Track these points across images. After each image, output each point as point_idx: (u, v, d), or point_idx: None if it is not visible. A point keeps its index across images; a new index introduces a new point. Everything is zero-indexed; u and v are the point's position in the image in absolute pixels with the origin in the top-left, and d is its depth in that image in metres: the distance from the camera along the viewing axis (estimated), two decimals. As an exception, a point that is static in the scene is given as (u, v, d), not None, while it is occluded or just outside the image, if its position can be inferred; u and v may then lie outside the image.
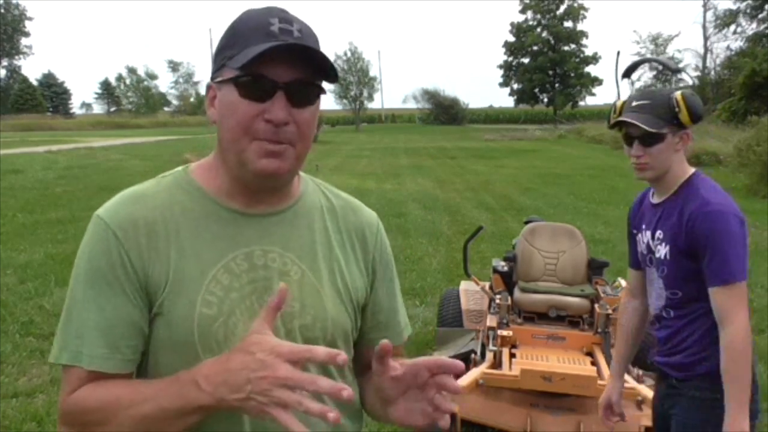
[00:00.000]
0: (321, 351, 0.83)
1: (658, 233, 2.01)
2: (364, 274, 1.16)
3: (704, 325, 1.94)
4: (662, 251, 1.99)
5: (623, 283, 3.89)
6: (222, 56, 1.02)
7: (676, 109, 1.92)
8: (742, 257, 1.87)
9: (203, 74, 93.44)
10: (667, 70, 2.18)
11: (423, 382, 0.98)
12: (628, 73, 2.27)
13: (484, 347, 3.75)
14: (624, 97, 2.08)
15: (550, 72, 57.89)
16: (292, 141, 1.00)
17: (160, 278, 1.00)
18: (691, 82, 2.61)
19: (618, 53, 2.59)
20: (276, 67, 0.97)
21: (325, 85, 1.03)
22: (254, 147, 0.99)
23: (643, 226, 2.10)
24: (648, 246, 2.07)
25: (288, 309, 1.02)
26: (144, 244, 1.00)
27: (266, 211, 1.08)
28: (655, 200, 2.07)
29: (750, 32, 36.00)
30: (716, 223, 1.86)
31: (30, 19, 75.17)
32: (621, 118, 1.97)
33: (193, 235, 1.02)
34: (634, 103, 1.98)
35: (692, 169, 2.01)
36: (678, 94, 1.94)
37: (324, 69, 1.01)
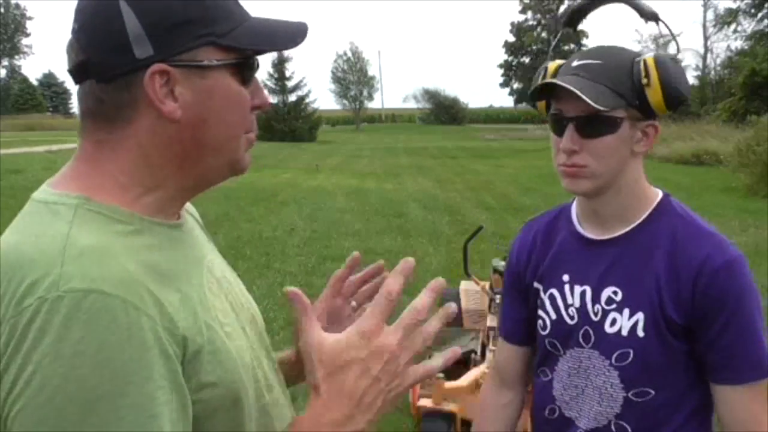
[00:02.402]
0: (425, 302, 0.76)
1: (611, 292, 1.21)
2: None
3: None
4: (623, 323, 1.19)
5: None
6: (198, 31, 0.76)
7: (644, 80, 1.13)
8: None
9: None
10: (641, 15, 1.23)
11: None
12: (573, 21, 1.38)
13: (484, 347, 3.75)
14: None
15: (551, 72, 57.90)
16: None
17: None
18: (677, 52, 1.20)
19: None
20: None
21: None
22: (244, 143, 0.83)
23: (566, 278, 1.28)
24: (582, 312, 1.25)
25: (247, 315, 0.89)
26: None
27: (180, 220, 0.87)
28: (593, 233, 1.27)
29: (750, 31, 36.04)
30: (741, 281, 1.14)
31: (30, 18, 75.18)
32: (552, 80, 1.18)
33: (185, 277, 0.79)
34: (576, 63, 1.19)
35: (657, 189, 1.27)
36: (649, 56, 1.15)
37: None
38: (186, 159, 0.79)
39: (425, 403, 3.20)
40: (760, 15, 34.67)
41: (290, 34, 0.82)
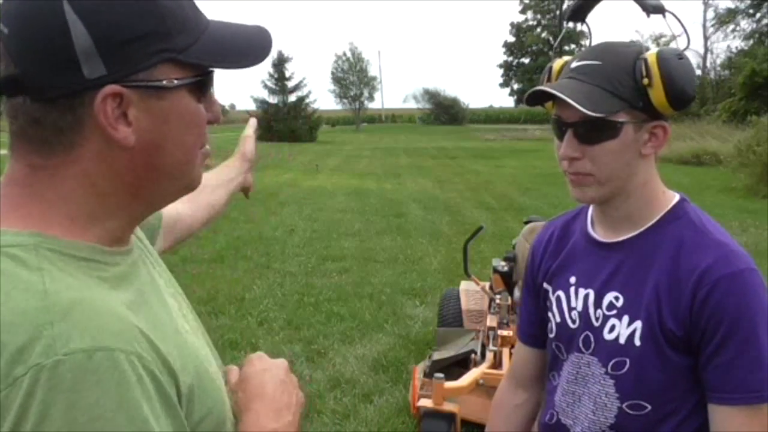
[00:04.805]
0: None
1: (613, 297, 1.17)
2: None
3: None
4: (622, 330, 1.14)
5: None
6: (155, 46, 0.66)
7: (644, 81, 1.07)
8: None
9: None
10: (643, 9, 1.17)
11: None
12: (578, 15, 1.32)
13: (484, 347, 3.75)
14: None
15: (550, 72, 58.03)
16: None
17: None
18: (686, 44, 1.13)
19: None
20: None
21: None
22: (199, 161, 0.76)
23: (572, 280, 1.24)
24: (584, 316, 1.21)
25: (199, 324, 0.87)
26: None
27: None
28: (603, 236, 1.22)
29: (749, 30, 36.08)
30: (749, 297, 1.07)
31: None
32: (542, 88, 1.12)
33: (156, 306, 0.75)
34: (575, 64, 1.13)
35: (674, 193, 1.20)
36: (651, 54, 1.08)
37: None
38: (140, 187, 0.71)
39: (425, 403, 3.20)
40: (758, 15, 34.70)
41: (256, 47, 0.75)
